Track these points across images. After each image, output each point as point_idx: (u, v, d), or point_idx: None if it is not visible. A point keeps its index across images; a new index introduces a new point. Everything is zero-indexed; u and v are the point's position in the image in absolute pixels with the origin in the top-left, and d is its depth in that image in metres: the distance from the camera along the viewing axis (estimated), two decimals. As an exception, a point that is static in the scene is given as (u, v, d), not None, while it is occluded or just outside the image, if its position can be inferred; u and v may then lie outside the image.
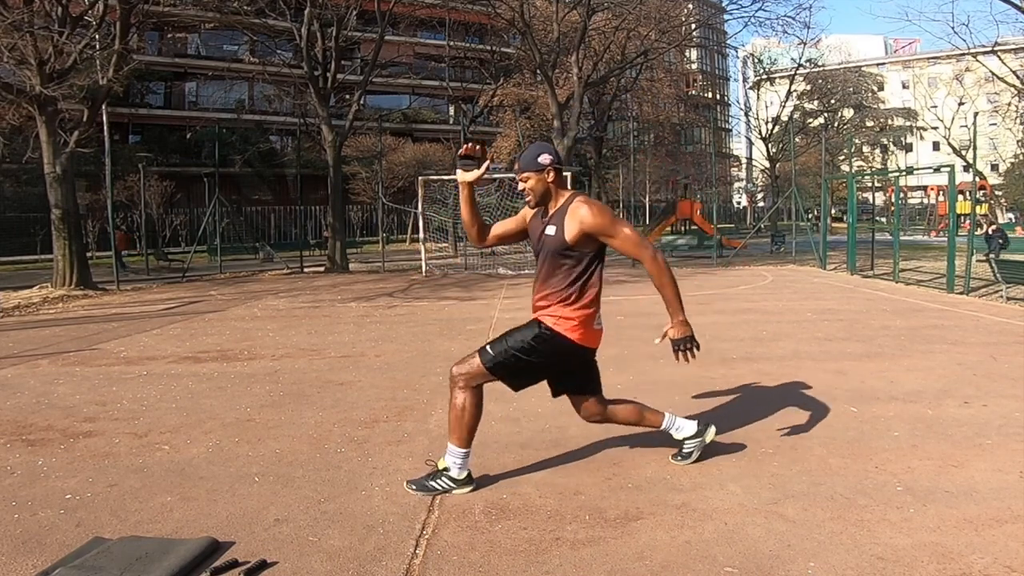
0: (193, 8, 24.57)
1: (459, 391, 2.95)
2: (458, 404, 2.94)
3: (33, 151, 13.63)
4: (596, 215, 2.84)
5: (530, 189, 2.95)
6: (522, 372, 2.96)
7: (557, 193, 2.97)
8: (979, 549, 2.37)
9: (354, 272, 17.61)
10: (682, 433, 3.24)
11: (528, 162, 2.94)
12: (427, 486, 2.99)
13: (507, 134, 32.74)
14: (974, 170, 14.21)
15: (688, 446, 3.25)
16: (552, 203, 2.97)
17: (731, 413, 4.10)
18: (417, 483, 3.02)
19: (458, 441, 2.96)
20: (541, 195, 2.96)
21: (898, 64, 61.28)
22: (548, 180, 2.93)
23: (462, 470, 3.00)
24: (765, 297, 10.29)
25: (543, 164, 2.92)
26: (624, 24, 22.43)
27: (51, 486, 3.13)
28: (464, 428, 2.95)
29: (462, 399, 2.94)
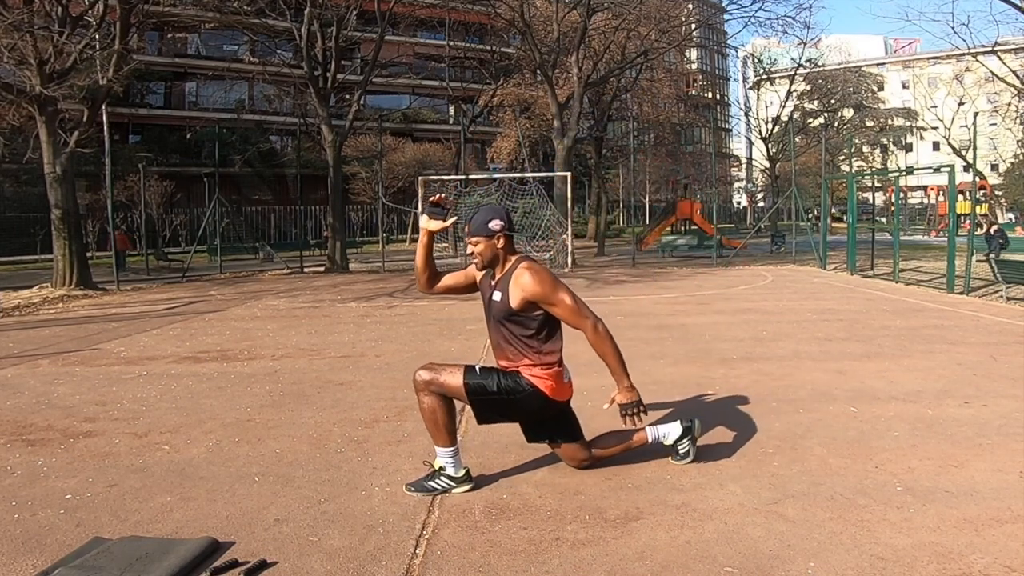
0: (193, 8, 24.58)
1: (425, 396, 2.96)
2: (427, 407, 2.95)
3: (33, 151, 13.64)
4: (536, 284, 2.85)
5: (479, 254, 2.99)
6: (496, 409, 2.98)
7: (505, 258, 2.99)
8: (979, 549, 2.37)
9: (354, 272, 17.61)
10: (671, 438, 3.24)
11: (478, 227, 2.96)
12: (426, 487, 2.99)
13: (507, 134, 32.76)
14: (974, 170, 14.23)
15: (682, 447, 3.25)
16: (500, 268, 3.00)
17: (731, 413, 4.10)
18: (416, 485, 3.02)
19: (442, 442, 2.97)
20: (489, 260, 2.99)
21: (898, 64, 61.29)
22: (497, 246, 2.97)
23: (457, 468, 3.00)
24: (765, 297, 10.29)
25: (493, 230, 2.95)
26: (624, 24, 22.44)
27: (51, 486, 3.13)
28: (441, 428, 2.96)
29: (429, 402, 2.95)
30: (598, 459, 3.19)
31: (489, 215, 2.98)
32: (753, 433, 3.71)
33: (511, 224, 3.01)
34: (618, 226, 40.51)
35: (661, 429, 3.25)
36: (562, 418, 3.11)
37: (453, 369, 2.97)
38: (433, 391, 2.94)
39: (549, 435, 3.14)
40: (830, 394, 4.50)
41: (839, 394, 4.49)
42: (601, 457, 3.19)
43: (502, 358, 3.04)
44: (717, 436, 3.65)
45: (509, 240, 2.99)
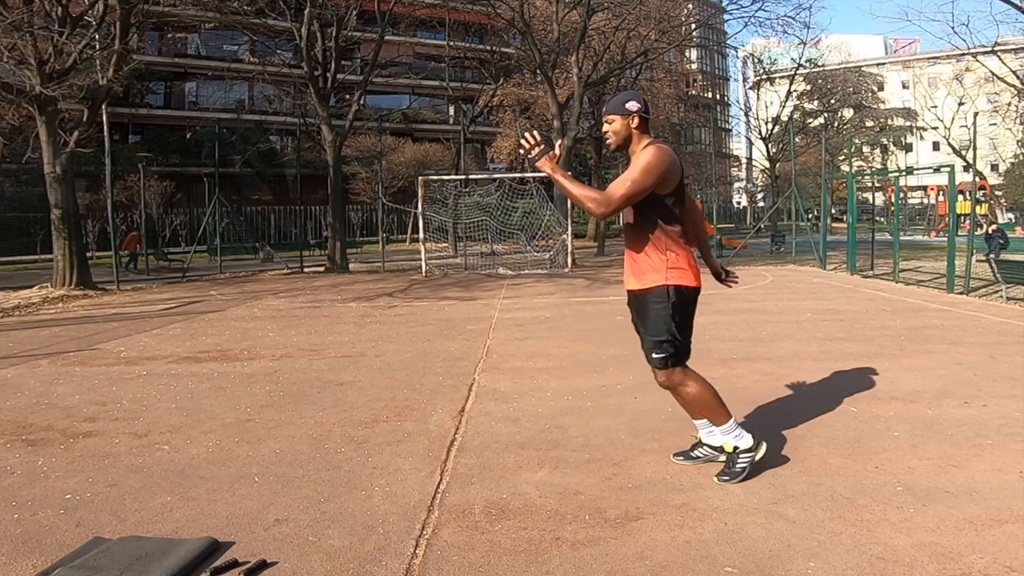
0: (193, 8, 24.59)
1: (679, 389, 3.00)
2: (690, 395, 2.99)
3: (33, 151, 13.63)
4: (640, 156, 2.85)
5: (613, 132, 2.97)
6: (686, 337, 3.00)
7: (639, 140, 2.97)
8: (979, 549, 2.37)
9: (354, 272, 17.61)
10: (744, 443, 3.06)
11: (615, 106, 2.96)
12: (735, 472, 3.01)
13: (507, 134, 32.75)
14: (974, 170, 14.23)
15: (741, 461, 3.07)
16: (633, 148, 2.98)
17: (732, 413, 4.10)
18: (729, 474, 3.02)
19: (719, 420, 3.01)
20: (623, 139, 2.97)
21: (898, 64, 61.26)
22: (632, 125, 2.94)
23: (743, 438, 3.02)
24: (765, 297, 10.29)
25: (630, 110, 2.93)
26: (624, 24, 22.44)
27: (51, 486, 3.13)
28: (716, 407, 3.00)
29: (687, 390, 2.98)
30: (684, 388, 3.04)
31: (627, 96, 2.97)
32: (753, 433, 3.70)
33: (647, 107, 2.99)
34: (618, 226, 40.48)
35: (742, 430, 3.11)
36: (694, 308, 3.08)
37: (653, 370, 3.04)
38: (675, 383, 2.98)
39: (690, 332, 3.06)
40: (830, 394, 4.49)
41: (839, 394, 4.49)
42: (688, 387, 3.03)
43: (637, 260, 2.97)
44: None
45: (644, 122, 2.96)
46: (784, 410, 4.15)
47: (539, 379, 5.12)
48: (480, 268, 17.17)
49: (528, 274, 15.71)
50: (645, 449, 3.49)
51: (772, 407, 4.22)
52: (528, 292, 11.56)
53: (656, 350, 2.97)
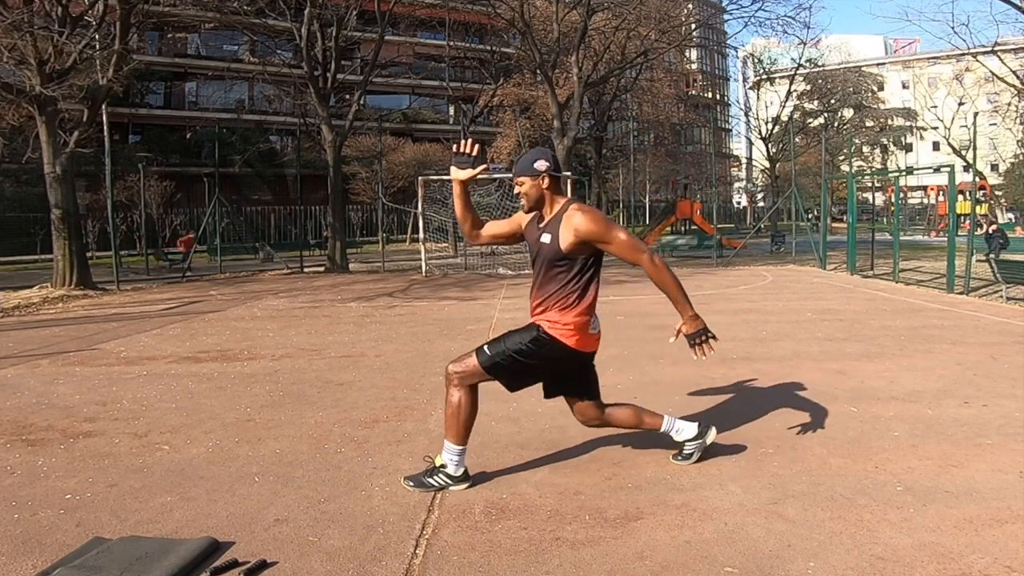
0: (193, 8, 24.56)
1: (454, 389, 2.96)
2: (453, 402, 2.96)
3: (33, 151, 13.63)
4: (591, 222, 2.84)
5: (524, 194, 2.97)
6: (519, 373, 2.97)
7: (552, 200, 2.97)
8: (979, 549, 2.37)
9: (354, 272, 17.61)
10: (683, 435, 3.24)
11: (524, 167, 2.95)
12: (424, 482, 3.00)
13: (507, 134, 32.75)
14: (974, 170, 14.22)
15: (688, 447, 3.25)
16: (547, 209, 2.98)
17: (731, 413, 4.10)
18: (415, 479, 3.03)
19: (454, 438, 2.98)
20: (535, 200, 2.97)
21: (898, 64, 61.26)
22: (543, 186, 2.94)
23: (459, 467, 3.01)
24: (765, 297, 10.29)
25: (538, 170, 2.92)
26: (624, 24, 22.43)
27: (51, 486, 3.13)
28: (460, 425, 2.96)
29: (457, 397, 2.95)
30: (607, 422, 3.16)
31: (535, 156, 2.97)
32: (753, 433, 3.71)
33: (558, 165, 2.99)
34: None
35: (677, 423, 3.25)
36: (585, 371, 3.09)
37: (469, 355, 2.99)
38: (463, 383, 2.95)
39: (568, 388, 3.11)
40: (830, 394, 4.49)
41: (839, 394, 4.49)
42: (611, 421, 3.16)
43: (537, 304, 3.00)
44: (717, 436, 3.64)
45: (555, 181, 2.97)
46: (784, 410, 4.15)
47: (539, 379, 5.12)
48: (480, 268, 17.17)
49: (528, 274, 15.67)
50: (645, 449, 3.49)
51: (772, 407, 4.22)
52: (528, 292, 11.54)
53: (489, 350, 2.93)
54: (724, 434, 3.70)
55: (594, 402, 3.13)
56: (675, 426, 3.24)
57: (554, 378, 3.10)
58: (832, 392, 4.55)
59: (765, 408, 4.20)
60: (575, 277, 2.91)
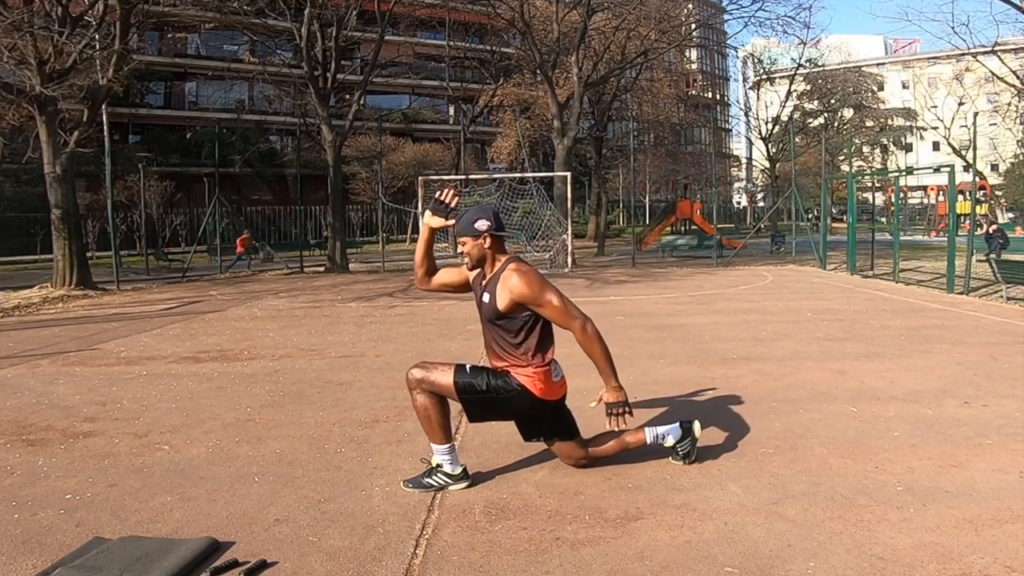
0: (193, 8, 24.58)
1: (418, 394, 2.98)
2: (420, 405, 2.98)
3: (33, 151, 13.63)
4: (524, 285, 2.86)
5: (466, 253, 3.00)
6: (487, 407, 2.99)
7: (493, 258, 3.00)
8: (979, 549, 2.37)
9: (354, 272, 17.61)
10: (670, 440, 3.24)
11: (465, 227, 2.97)
12: (424, 483, 3.00)
13: (507, 134, 32.76)
14: (974, 170, 14.24)
15: (682, 448, 3.24)
16: (488, 268, 3.01)
17: (731, 413, 4.10)
18: (414, 481, 3.03)
19: (437, 439, 2.99)
20: (477, 260, 3.01)
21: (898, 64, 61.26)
22: (484, 246, 2.97)
23: (454, 465, 3.02)
24: (765, 297, 10.29)
25: (479, 230, 2.95)
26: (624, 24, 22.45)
27: (51, 486, 3.13)
28: (435, 426, 2.97)
29: (422, 401, 2.97)
30: (596, 458, 3.19)
31: (476, 215, 2.98)
32: (753, 433, 3.71)
33: (500, 224, 3.00)
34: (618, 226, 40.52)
35: (660, 430, 3.25)
36: (556, 416, 3.11)
37: (444, 368, 2.99)
38: (425, 389, 2.96)
39: (544, 433, 3.15)
40: (830, 394, 4.50)
41: (839, 394, 4.49)
42: (598, 456, 3.19)
43: (493, 357, 3.06)
44: (717, 436, 3.65)
45: (496, 240, 2.99)
46: (784, 410, 4.15)
47: (539, 379, 5.12)
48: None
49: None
50: (645, 450, 3.48)
51: (772, 407, 4.22)
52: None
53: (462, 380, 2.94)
54: (724, 434, 3.71)
55: (574, 441, 3.15)
56: (659, 434, 3.24)
57: (526, 423, 3.14)
58: (832, 392, 4.55)
59: (765, 408, 4.20)
60: (520, 332, 2.95)
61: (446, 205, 3.06)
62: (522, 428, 3.16)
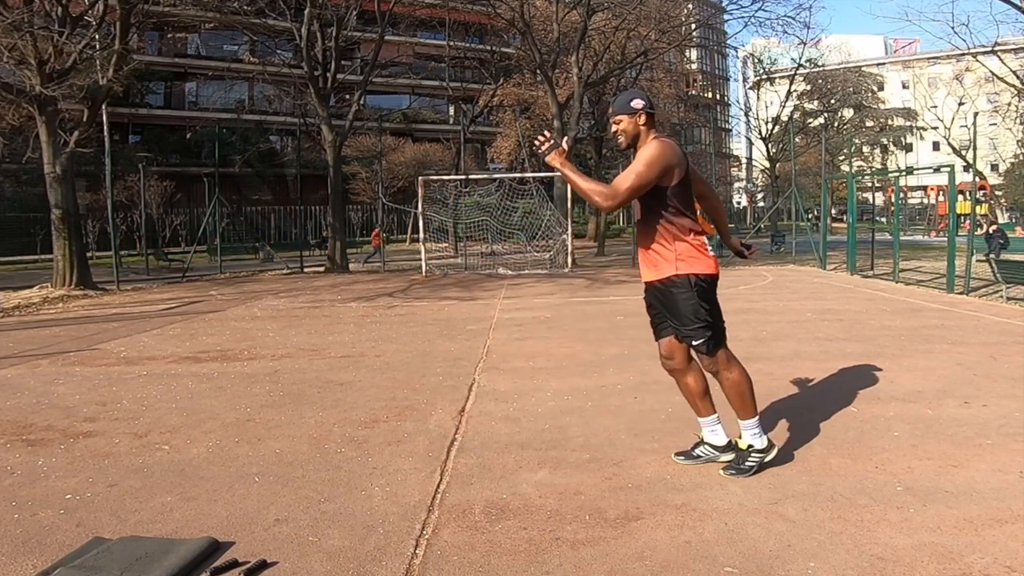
0: (193, 8, 24.58)
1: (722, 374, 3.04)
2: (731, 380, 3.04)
3: (33, 151, 13.64)
4: (645, 147, 2.91)
5: (622, 131, 3.04)
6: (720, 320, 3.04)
7: (647, 136, 3.03)
8: (979, 549, 2.37)
9: (354, 272, 17.61)
10: (713, 438, 3.23)
11: (621, 105, 3.03)
12: (744, 468, 3.05)
13: (507, 134, 32.75)
14: (974, 170, 14.23)
15: (704, 452, 3.23)
16: (640, 145, 3.03)
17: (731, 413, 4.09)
18: (736, 468, 3.07)
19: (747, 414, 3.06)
20: (632, 136, 3.04)
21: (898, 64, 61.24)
22: (639, 123, 3.01)
23: (761, 437, 3.08)
24: (765, 297, 10.29)
25: (635, 108, 3.00)
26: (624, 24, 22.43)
27: (51, 486, 3.13)
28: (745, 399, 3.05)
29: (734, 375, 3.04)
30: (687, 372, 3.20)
31: (631, 95, 3.04)
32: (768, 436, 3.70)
33: (651, 103, 3.06)
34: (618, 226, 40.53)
35: (719, 427, 3.24)
36: None
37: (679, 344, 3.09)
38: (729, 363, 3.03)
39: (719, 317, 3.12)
40: (830, 394, 4.49)
41: (839, 394, 4.49)
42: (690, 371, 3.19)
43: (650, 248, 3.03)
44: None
45: (650, 118, 3.04)
46: (784, 410, 4.15)
47: (539, 379, 5.12)
48: (480, 268, 17.17)
49: (528, 274, 15.71)
50: (645, 449, 3.49)
51: (772, 407, 4.22)
52: (528, 292, 11.56)
53: (695, 337, 3.01)
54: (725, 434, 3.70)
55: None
56: (716, 427, 3.23)
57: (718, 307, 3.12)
58: (832, 392, 4.55)
59: (765, 408, 4.19)
60: (671, 203, 2.96)
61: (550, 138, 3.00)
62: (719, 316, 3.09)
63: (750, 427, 3.07)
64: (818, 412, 4.08)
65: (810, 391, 4.61)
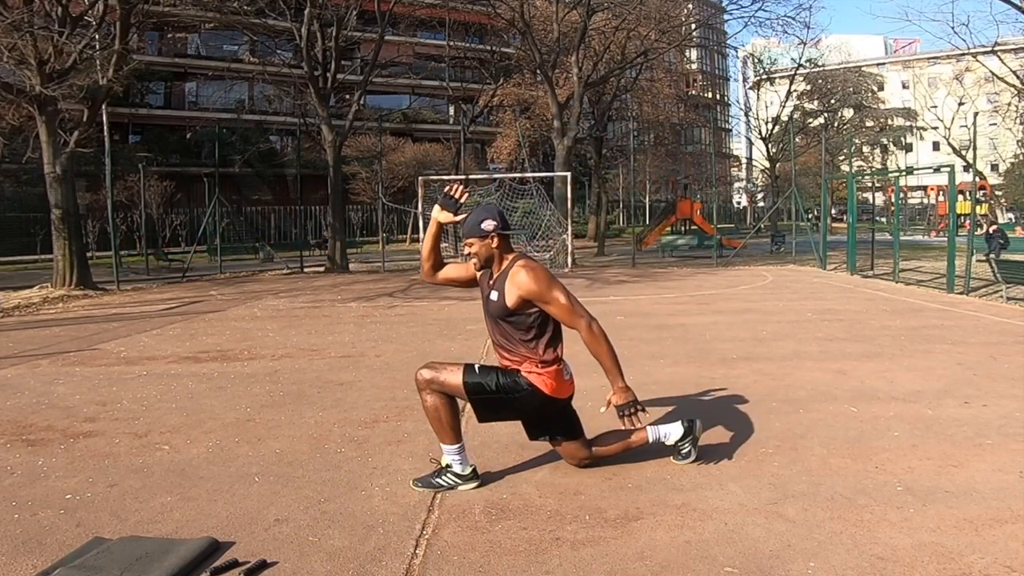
0: (193, 8, 24.58)
1: (427, 394, 2.98)
2: (430, 405, 2.97)
3: (33, 151, 13.63)
4: (532, 282, 2.86)
5: (474, 254, 3.01)
6: (496, 408, 2.99)
7: (501, 257, 3.01)
8: (979, 549, 2.37)
9: (354, 272, 17.61)
10: (672, 438, 3.24)
11: (472, 228, 2.98)
12: (433, 483, 3.00)
13: (507, 134, 32.76)
14: (974, 170, 14.24)
15: (684, 447, 3.25)
16: (496, 267, 3.02)
17: (731, 413, 4.10)
18: (423, 481, 3.03)
19: (446, 439, 2.99)
20: (485, 259, 3.02)
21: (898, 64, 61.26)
22: (492, 246, 2.98)
23: (464, 465, 3.02)
24: (765, 297, 10.29)
25: (486, 231, 2.97)
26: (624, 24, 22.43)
27: (51, 486, 3.13)
28: (445, 426, 2.97)
29: (432, 401, 2.97)
30: (599, 458, 3.19)
31: (482, 215, 2.99)
32: (753, 433, 3.71)
33: (505, 223, 3.02)
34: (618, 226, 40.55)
35: (662, 429, 3.25)
36: (563, 416, 3.11)
37: (454, 368, 2.98)
38: (435, 389, 2.96)
39: (550, 432, 3.14)
40: (830, 394, 4.49)
41: (839, 394, 4.49)
42: (601, 456, 3.19)
43: (503, 356, 3.06)
44: (717, 436, 3.65)
45: (504, 239, 3.01)
46: (784, 410, 4.15)
47: (539, 379, 5.11)
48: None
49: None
50: (645, 449, 3.48)
51: (772, 407, 4.22)
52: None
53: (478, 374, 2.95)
54: (724, 434, 3.71)
55: (579, 441, 3.15)
56: (661, 433, 3.24)
57: (533, 423, 3.14)
58: (832, 392, 4.55)
59: (765, 408, 4.20)
60: (530, 330, 2.94)
61: (455, 200, 3.08)
62: (529, 427, 3.16)
63: (449, 451, 3.01)
64: (818, 412, 4.09)
65: (810, 391, 4.61)
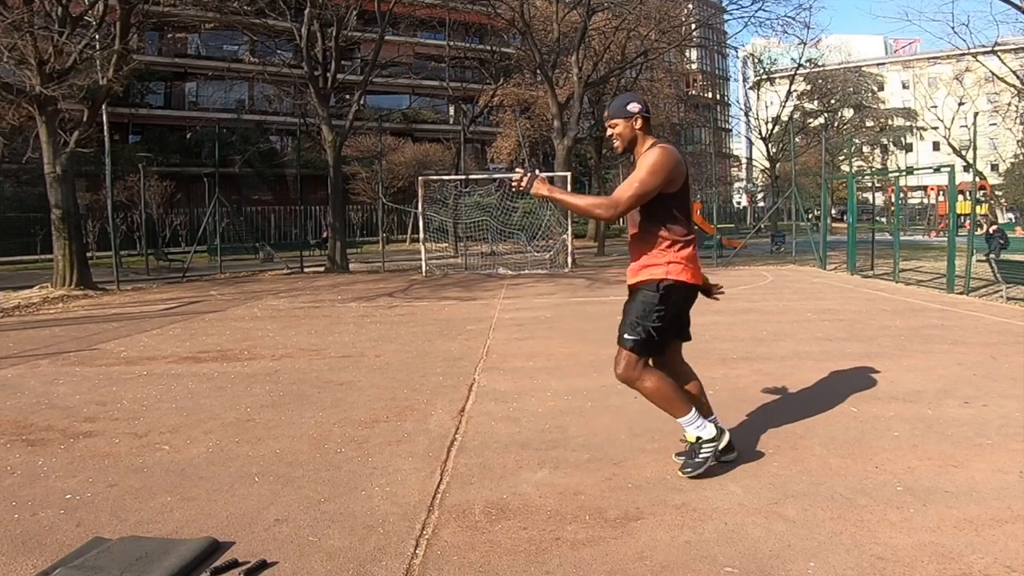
0: (193, 8, 24.57)
1: (637, 385, 3.01)
2: (647, 392, 3.00)
3: (33, 151, 13.64)
4: (647, 155, 2.90)
5: (618, 135, 3.03)
6: (664, 334, 3.01)
7: (643, 140, 3.03)
8: (979, 549, 2.37)
9: (354, 272, 17.61)
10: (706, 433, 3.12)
11: (617, 109, 3.03)
12: (697, 462, 3.03)
13: (507, 134, 32.74)
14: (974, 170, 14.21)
15: (705, 450, 3.10)
16: (638, 150, 3.03)
17: (731, 413, 4.10)
18: (691, 465, 3.04)
19: (677, 413, 3.02)
20: (628, 140, 3.04)
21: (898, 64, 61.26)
22: (635, 127, 3.01)
23: (704, 428, 3.03)
24: (765, 297, 10.29)
25: (631, 112, 3.00)
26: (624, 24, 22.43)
27: (51, 486, 3.13)
28: (672, 401, 3.01)
29: (647, 386, 2.99)
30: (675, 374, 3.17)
31: (627, 98, 3.04)
32: (753, 433, 3.71)
33: (647, 107, 3.05)
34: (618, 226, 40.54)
35: (703, 420, 3.16)
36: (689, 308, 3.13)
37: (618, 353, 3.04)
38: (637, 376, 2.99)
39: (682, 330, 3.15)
40: (830, 394, 4.49)
41: (839, 394, 4.49)
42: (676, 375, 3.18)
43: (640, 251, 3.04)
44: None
45: (646, 122, 3.03)
46: (784, 410, 4.15)
47: (539, 379, 5.12)
48: (480, 268, 17.17)
49: (528, 274, 15.71)
50: (645, 449, 3.49)
51: (772, 407, 4.22)
52: (528, 292, 11.56)
53: (630, 331, 2.99)
54: (724, 434, 3.70)
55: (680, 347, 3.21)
56: (698, 421, 3.16)
57: (684, 321, 3.15)
58: (832, 392, 4.55)
59: (765, 408, 4.20)
60: (662, 212, 2.96)
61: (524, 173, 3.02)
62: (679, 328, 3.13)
63: (689, 422, 3.04)
64: (818, 412, 4.08)
65: (810, 391, 4.61)
